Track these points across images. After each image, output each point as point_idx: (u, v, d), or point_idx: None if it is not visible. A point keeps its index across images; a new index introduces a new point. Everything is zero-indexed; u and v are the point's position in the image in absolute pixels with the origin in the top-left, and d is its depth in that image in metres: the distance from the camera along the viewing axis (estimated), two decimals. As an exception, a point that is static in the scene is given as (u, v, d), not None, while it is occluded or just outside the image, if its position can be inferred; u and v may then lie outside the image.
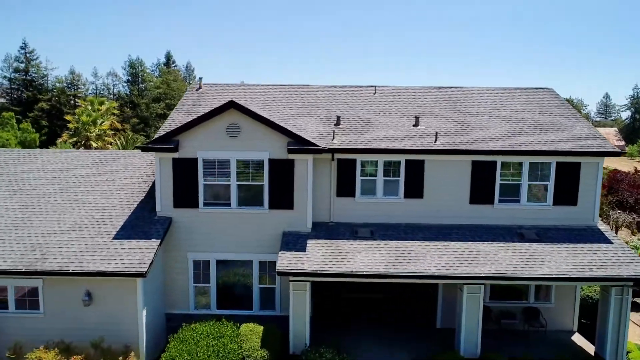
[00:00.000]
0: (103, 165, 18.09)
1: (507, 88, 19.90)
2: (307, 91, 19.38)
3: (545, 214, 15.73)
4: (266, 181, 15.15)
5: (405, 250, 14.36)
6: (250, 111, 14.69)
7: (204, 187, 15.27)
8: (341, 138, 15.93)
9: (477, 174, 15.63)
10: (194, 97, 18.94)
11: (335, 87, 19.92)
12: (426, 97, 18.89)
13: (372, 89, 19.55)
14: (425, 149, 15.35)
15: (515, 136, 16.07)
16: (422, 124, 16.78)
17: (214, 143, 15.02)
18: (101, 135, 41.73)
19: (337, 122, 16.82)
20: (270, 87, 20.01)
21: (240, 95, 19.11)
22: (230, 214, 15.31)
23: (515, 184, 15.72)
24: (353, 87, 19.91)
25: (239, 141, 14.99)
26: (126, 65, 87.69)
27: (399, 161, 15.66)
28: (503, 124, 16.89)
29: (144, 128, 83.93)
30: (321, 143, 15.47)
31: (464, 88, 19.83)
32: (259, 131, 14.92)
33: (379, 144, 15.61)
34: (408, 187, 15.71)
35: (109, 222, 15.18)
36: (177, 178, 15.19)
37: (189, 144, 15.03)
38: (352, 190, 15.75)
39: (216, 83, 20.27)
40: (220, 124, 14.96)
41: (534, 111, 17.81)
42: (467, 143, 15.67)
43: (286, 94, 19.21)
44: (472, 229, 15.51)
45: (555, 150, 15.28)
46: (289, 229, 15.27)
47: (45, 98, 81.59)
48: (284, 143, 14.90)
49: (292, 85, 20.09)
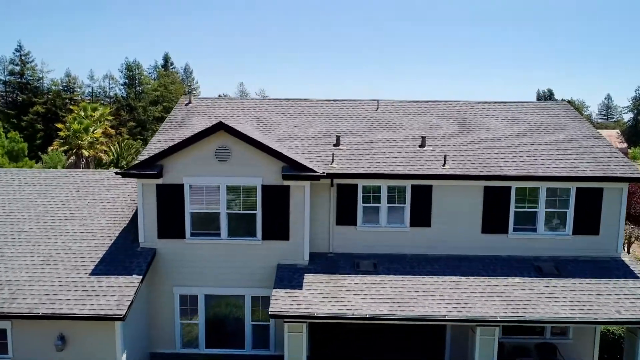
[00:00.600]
0: (84, 187, 16.76)
1: (519, 102, 18.58)
2: (305, 106, 18.05)
3: (564, 244, 14.42)
4: (259, 209, 13.84)
5: (412, 288, 13.05)
6: (241, 133, 13.38)
7: (190, 215, 13.96)
8: (341, 161, 14.61)
9: (490, 201, 14.32)
10: (182, 112, 17.63)
11: (334, 101, 18.59)
12: (432, 113, 17.57)
13: (374, 103, 18.23)
14: (433, 174, 14.03)
15: (531, 159, 14.75)
16: (429, 144, 15.46)
17: (201, 168, 13.71)
18: (93, 143, 40.35)
19: (337, 142, 15.50)
20: (265, 101, 18.72)
21: (233, 110, 17.81)
22: (219, 245, 14.00)
23: (532, 212, 14.40)
24: (354, 101, 18.58)
25: (229, 166, 13.68)
26: (123, 67, 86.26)
27: (404, 186, 14.35)
28: (517, 144, 15.57)
29: (141, 132, 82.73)
30: (319, 167, 14.17)
31: (472, 102, 18.51)
32: (251, 155, 13.61)
33: (382, 167, 14.29)
34: (414, 215, 14.39)
35: (87, 254, 13.86)
36: (161, 206, 13.87)
37: (174, 168, 13.72)
38: (354, 218, 14.43)
39: (207, 97, 18.99)
40: (208, 147, 13.64)
41: (550, 129, 16.49)
42: (479, 167, 14.35)
43: (282, 109, 17.88)
44: (485, 261, 14.20)
45: (575, 176, 13.96)
46: (284, 262, 13.96)
47: (41, 101, 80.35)
48: (278, 168, 13.59)
49: (288, 99, 18.77)
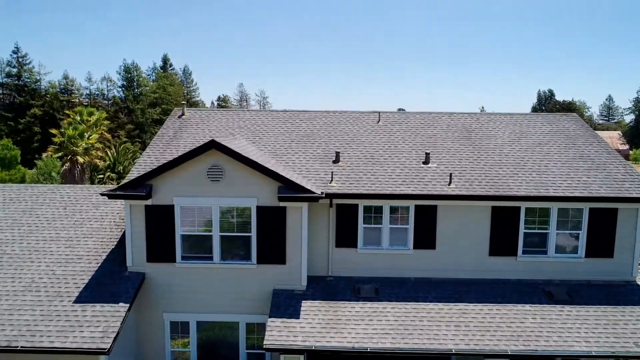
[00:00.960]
0: (72, 205, 15.98)
1: (525, 114, 17.84)
2: (303, 119, 17.27)
3: (576, 268, 13.64)
4: (254, 231, 13.07)
5: (416, 317, 12.27)
6: (234, 152, 12.60)
7: (181, 238, 13.19)
8: (341, 179, 13.83)
9: (498, 222, 13.55)
10: (175, 126, 16.85)
11: (334, 112, 17.81)
12: (437, 126, 16.79)
13: (375, 115, 17.45)
14: (438, 194, 13.26)
15: (541, 176, 13.97)
16: (433, 160, 14.69)
17: (193, 188, 12.94)
18: (89, 149, 39.53)
19: (336, 158, 14.72)
20: (261, 113, 17.95)
21: (227, 123, 17.03)
22: (212, 269, 13.23)
23: (542, 233, 13.64)
24: (354, 113, 17.80)
25: (222, 186, 12.91)
26: (121, 69, 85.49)
27: (407, 206, 13.58)
28: (526, 160, 14.79)
29: (139, 134, 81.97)
30: (318, 186, 13.41)
31: (478, 114, 17.76)
32: (245, 174, 12.83)
33: (384, 187, 13.51)
34: (418, 237, 13.62)
35: (72, 279, 13.09)
36: (150, 228, 13.10)
37: (164, 188, 12.95)
38: (354, 240, 13.66)
39: (201, 109, 18.31)
40: (200, 166, 12.87)
41: (560, 144, 15.70)
42: (486, 186, 13.57)
43: (279, 121, 17.11)
44: (493, 285, 13.43)
45: (588, 197, 13.18)
46: (280, 287, 13.19)
47: (38, 104, 79.62)
48: (274, 188, 12.81)
49: (285, 110, 18.01)
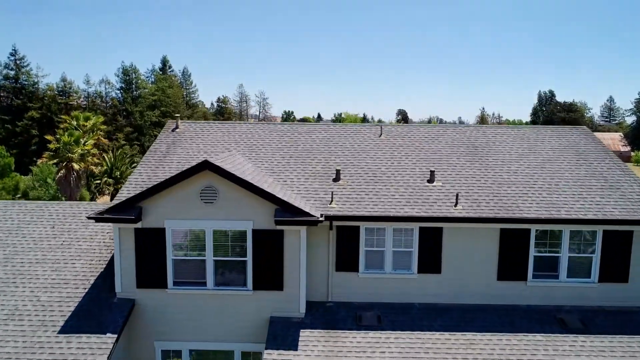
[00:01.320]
0: (60, 223, 15.30)
1: (533, 127, 17.17)
2: (302, 132, 16.57)
3: (589, 293, 12.95)
4: (250, 256, 12.37)
5: (420, 348, 11.56)
6: (228, 173, 11.90)
7: (173, 263, 12.50)
8: (341, 200, 13.14)
9: (507, 245, 12.86)
10: (168, 140, 16.15)
11: (334, 126, 17.15)
12: (441, 141, 16.09)
13: (377, 129, 16.75)
14: (444, 216, 12.56)
15: (552, 196, 13.28)
16: (438, 179, 14.00)
17: (185, 210, 12.24)
18: (85, 155, 38.86)
19: (337, 176, 14.03)
20: (258, 126, 17.23)
21: (223, 137, 16.34)
22: (205, 296, 12.54)
23: (553, 257, 12.95)
24: (355, 126, 17.14)
25: (216, 208, 12.21)
26: (119, 72, 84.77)
27: (411, 229, 12.89)
28: (535, 178, 14.10)
29: (138, 137, 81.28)
30: (317, 206, 12.72)
31: (484, 128, 17.06)
32: (240, 196, 12.14)
33: (387, 208, 12.82)
34: (423, 260, 12.93)
35: (57, 306, 12.40)
36: (140, 252, 12.41)
37: (154, 211, 12.25)
38: (355, 264, 12.98)
39: (196, 122, 17.52)
40: (192, 188, 12.17)
41: (571, 160, 15.01)
42: (494, 207, 12.87)
43: (277, 135, 16.41)
44: (501, 312, 12.73)
45: (603, 219, 12.49)
46: (277, 314, 12.49)
47: (36, 106, 78.93)
48: (271, 210, 12.11)
49: (283, 123, 17.31)
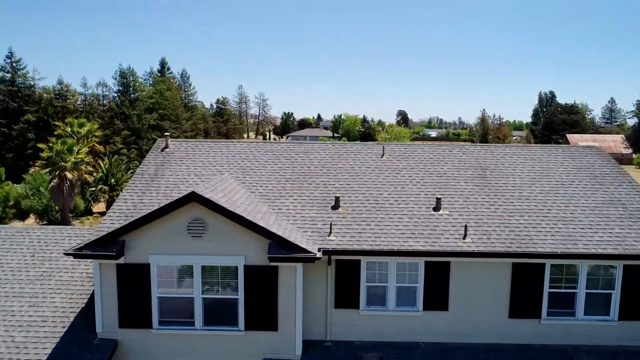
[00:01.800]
0: (41, 251, 14.34)
1: (544, 147, 16.21)
2: (299, 152, 15.61)
3: (608, 332, 12.00)
4: (241, 294, 11.41)
5: (427, 397, 10.62)
6: (217, 206, 10.94)
7: (159, 301, 11.54)
8: (341, 231, 12.18)
9: (519, 280, 11.90)
10: (157, 161, 15.19)
11: (333, 145, 16.18)
12: (447, 162, 15.13)
13: (378, 149, 15.78)
14: (452, 251, 11.60)
15: (568, 228, 12.32)
16: (444, 206, 13.04)
17: (171, 244, 11.28)
18: (78, 164, 37.91)
19: (336, 204, 13.07)
20: (253, 145, 16.25)
21: (215, 157, 15.38)
22: (194, 336, 11.57)
23: (569, 293, 12.00)
24: (355, 145, 16.16)
25: (205, 242, 11.25)
26: (117, 75, 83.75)
27: (416, 263, 11.94)
28: (549, 205, 13.14)
29: (136, 140, 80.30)
30: (315, 239, 11.77)
31: (492, 147, 16.08)
32: (230, 229, 11.18)
33: (390, 241, 11.86)
34: (429, 296, 11.98)
35: (33, 348, 11.43)
36: (123, 289, 11.45)
37: (138, 245, 11.29)
38: (355, 300, 12.02)
39: (187, 140, 16.56)
40: (179, 220, 11.21)
41: (586, 184, 14.06)
42: (506, 240, 11.91)
43: (272, 156, 15.45)
44: (514, 352, 11.78)
45: (623, 254, 11.53)
46: (271, 355, 11.53)
47: (32, 110, 77.97)
48: (264, 245, 11.16)
49: (280, 143, 16.36)
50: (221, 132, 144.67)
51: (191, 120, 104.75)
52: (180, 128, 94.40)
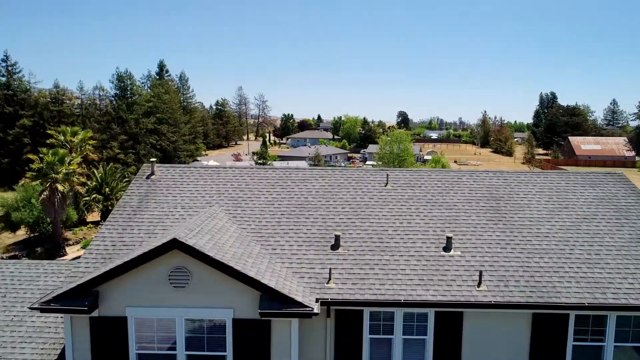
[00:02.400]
0: (14, 290, 13.13)
1: (562, 174, 14.93)
2: (296, 180, 14.38)
3: (639, 390, 10.76)
4: (230, 351, 10.17)
5: None
6: (202, 254, 9.70)
7: (137, 358, 10.30)
8: (342, 276, 10.95)
9: (540, 332, 10.66)
10: (141, 190, 13.95)
11: (332, 171, 14.93)
12: (457, 191, 13.90)
13: (382, 176, 14.53)
14: (465, 301, 10.37)
15: (594, 272, 11.08)
16: (456, 245, 11.81)
17: (151, 295, 10.06)
18: (69, 175, 36.66)
19: (336, 243, 11.84)
20: (246, 171, 15.00)
21: (205, 185, 14.15)
22: (177, 397, 10.34)
23: (596, 346, 10.76)
24: (356, 172, 14.92)
25: (189, 293, 10.03)
26: (114, 78, 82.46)
27: (425, 313, 10.71)
28: (571, 244, 11.90)
29: (133, 145, 79.03)
30: (312, 286, 10.55)
31: (505, 174, 14.82)
32: (217, 279, 9.96)
33: (395, 289, 10.62)
34: (439, 350, 10.74)
35: (-4, 412, 10.23)
36: (97, 345, 10.22)
37: (114, 296, 10.07)
38: (357, 355, 10.77)
39: (174, 166, 15.33)
40: (160, 269, 9.99)
41: (610, 218, 12.82)
42: (526, 287, 10.68)
43: (267, 184, 14.22)
44: (533, 413, 10.55)
45: (659, 305, 10.30)
46: (264, 418, 10.30)
47: (28, 114, 76.78)
48: (255, 296, 9.94)
49: (275, 169, 15.11)
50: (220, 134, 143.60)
51: (190, 124, 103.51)
52: (179, 132, 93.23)
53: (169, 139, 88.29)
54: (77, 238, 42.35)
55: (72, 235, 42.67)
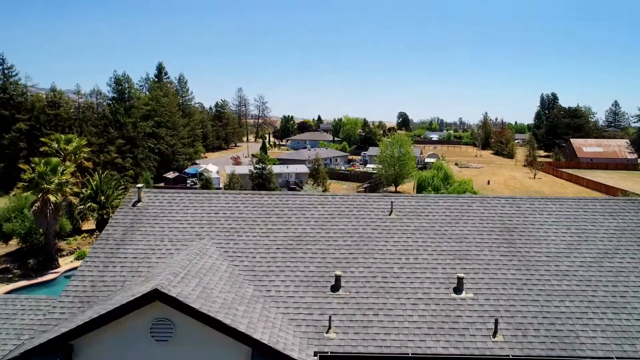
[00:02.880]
0: (-12, 330, 12.08)
1: (579, 200, 13.88)
2: (293, 208, 13.36)
3: None
4: (218, 410, 9.17)
5: None
6: (187, 307, 8.69)
7: (116, 418, 9.29)
8: (342, 323, 9.93)
9: (562, 386, 9.64)
10: (126, 220, 12.93)
11: (333, 198, 13.90)
12: (467, 221, 12.86)
13: (386, 203, 13.51)
14: (480, 355, 9.34)
15: (621, 320, 10.05)
16: (468, 286, 10.79)
17: (131, 350, 9.04)
18: (62, 185, 35.61)
19: (336, 284, 10.82)
20: (240, 198, 13.95)
21: (195, 213, 13.13)
22: None
23: (624, 402, 9.74)
24: (358, 198, 13.88)
25: (172, 347, 9.01)
26: (111, 81, 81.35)
27: (435, 365, 9.69)
28: (594, 284, 10.88)
29: (131, 149, 77.97)
30: (311, 338, 9.53)
31: (518, 200, 13.80)
32: (203, 332, 8.94)
33: (403, 340, 9.60)
34: (450, 406, 9.73)
35: None
36: (72, 404, 9.20)
37: (89, 350, 9.06)
38: (360, 411, 9.77)
39: (163, 191, 14.31)
40: (140, 321, 8.98)
41: (634, 253, 11.78)
42: (546, 336, 9.66)
43: (262, 212, 13.19)
44: None
45: (696, 360, 9.28)
46: None
47: (24, 118, 75.76)
48: (246, 351, 8.93)
49: (270, 194, 14.08)
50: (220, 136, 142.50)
51: (189, 126, 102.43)
52: (177, 135, 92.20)
53: (168, 143, 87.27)
54: (71, 248, 41.27)
55: (66, 246, 41.61)
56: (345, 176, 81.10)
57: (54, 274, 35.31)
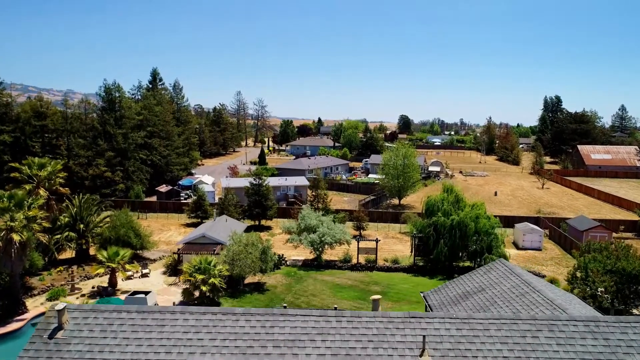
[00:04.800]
0: None
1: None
2: (279, 341, 9.18)
3: None
4: None
5: None
6: None
7: None
8: None
9: None
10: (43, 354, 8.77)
11: (338, 321, 9.75)
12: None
13: (414, 334, 9.34)
14: None
15: None
16: None
17: None
18: (31, 221, 31.46)
19: None
20: (205, 322, 9.75)
21: (139, 350, 8.98)
22: None
23: None
24: (374, 321, 9.72)
25: None
26: (101, 90, 77.23)
27: None
28: None
29: (121, 162, 73.75)
30: None
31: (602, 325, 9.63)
32: None
33: None
34: None
35: None
36: None
37: None
38: None
39: (95, 308, 10.14)
40: None
41: None
42: None
43: (234, 349, 9.02)
44: None
45: None
46: None
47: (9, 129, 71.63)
48: None
49: (249, 314, 9.88)
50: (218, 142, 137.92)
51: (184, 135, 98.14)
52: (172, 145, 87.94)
53: (161, 154, 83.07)
54: (44, 286, 37.05)
55: (39, 283, 37.39)
56: (346, 187, 76.93)
57: (19, 322, 31.06)
